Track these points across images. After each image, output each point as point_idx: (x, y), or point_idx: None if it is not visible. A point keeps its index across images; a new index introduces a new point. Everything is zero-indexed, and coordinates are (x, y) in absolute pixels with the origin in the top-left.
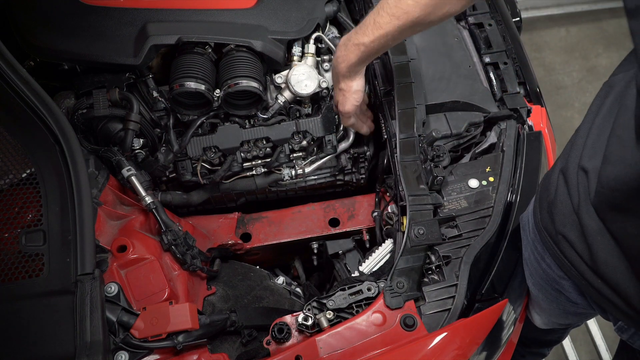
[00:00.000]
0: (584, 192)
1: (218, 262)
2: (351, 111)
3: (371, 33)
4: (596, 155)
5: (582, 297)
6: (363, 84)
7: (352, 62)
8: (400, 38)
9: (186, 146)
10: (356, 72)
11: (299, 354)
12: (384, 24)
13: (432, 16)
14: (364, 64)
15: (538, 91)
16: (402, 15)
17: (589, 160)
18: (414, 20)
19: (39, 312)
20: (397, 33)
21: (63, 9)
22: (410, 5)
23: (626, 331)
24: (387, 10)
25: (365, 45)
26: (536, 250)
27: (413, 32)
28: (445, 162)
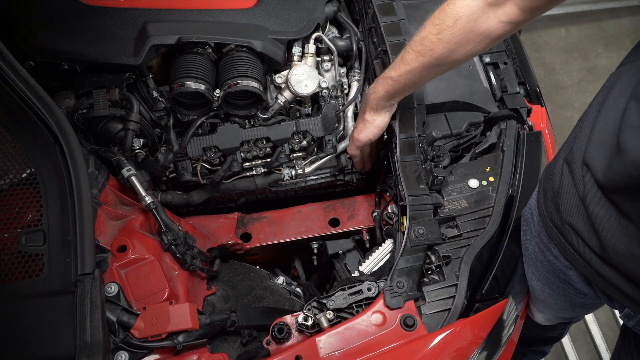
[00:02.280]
0: (589, 181)
1: (218, 262)
2: (363, 142)
3: (398, 68)
4: (603, 145)
5: (589, 286)
6: (385, 123)
7: (380, 95)
8: (427, 75)
9: (186, 146)
10: (383, 107)
11: (299, 354)
12: (410, 60)
13: (456, 54)
14: (392, 99)
15: (538, 91)
16: (426, 52)
17: (595, 150)
18: (438, 57)
19: (39, 312)
20: (423, 69)
21: (63, 9)
22: (434, 43)
23: (632, 318)
24: (413, 47)
25: (393, 79)
26: (541, 242)
27: (439, 70)
28: (445, 162)
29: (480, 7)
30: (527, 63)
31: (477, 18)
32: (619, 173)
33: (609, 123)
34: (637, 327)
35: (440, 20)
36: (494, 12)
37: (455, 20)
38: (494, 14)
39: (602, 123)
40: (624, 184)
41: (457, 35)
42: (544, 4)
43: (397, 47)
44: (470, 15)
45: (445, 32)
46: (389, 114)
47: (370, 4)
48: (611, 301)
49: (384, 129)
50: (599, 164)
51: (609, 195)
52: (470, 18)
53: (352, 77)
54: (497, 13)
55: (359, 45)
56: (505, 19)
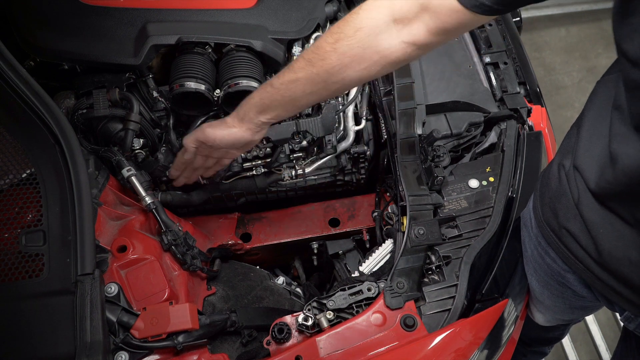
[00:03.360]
0: (582, 187)
1: (218, 262)
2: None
3: (283, 75)
4: (589, 151)
5: (587, 289)
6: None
7: (252, 102)
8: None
9: None
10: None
11: (299, 354)
12: (298, 69)
13: (348, 71)
14: (262, 113)
15: (538, 91)
16: (317, 62)
17: (583, 156)
18: (328, 69)
19: (39, 312)
20: (308, 82)
21: (63, 9)
22: (328, 52)
23: (633, 321)
24: (304, 55)
25: (272, 87)
26: (539, 245)
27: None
28: (445, 162)
29: (385, 22)
30: (527, 63)
31: (380, 33)
32: (610, 181)
33: (595, 131)
34: (637, 329)
35: (339, 29)
36: (398, 30)
37: (356, 30)
38: (397, 33)
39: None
40: (616, 192)
41: (354, 47)
42: (457, 25)
43: None
44: (372, 28)
45: (342, 41)
46: (250, 133)
47: None
48: (611, 304)
49: (236, 144)
50: (590, 172)
51: (602, 202)
52: (372, 32)
53: None
54: (401, 32)
55: None
56: (409, 39)
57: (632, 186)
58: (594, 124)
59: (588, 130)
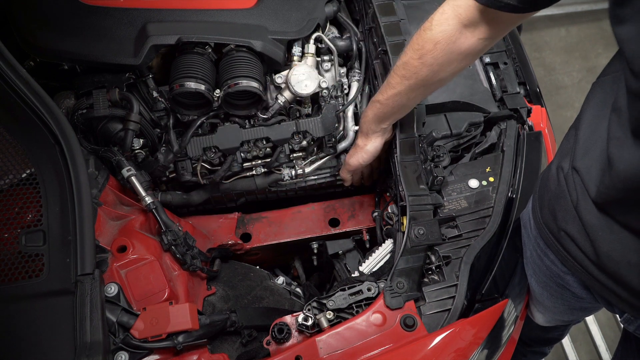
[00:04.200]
0: (580, 189)
1: (218, 262)
2: (354, 167)
3: (385, 92)
4: (587, 154)
5: (586, 291)
6: (376, 148)
7: (369, 119)
8: (414, 97)
9: (186, 146)
10: (374, 131)
11: (299, 354)
12: (396, 84)
13: (441, 74)
14: (382, 122)
15: (538, 91)
16: (411, 76)
17: (581, 159)
18: (423, 79)
19: (38, 312)
20: (410, 91)
21: (63, 9)
22: (417, 67)
23: (633, 322)
24: (397, 72)
25: (380, 103)
26: (538, 247)
27: (426, 91)
28: (445, 162)
29: (457, 30)
30: (527, 63)
31: (456, 40)
32: (608, 186)
33: (594, 133)
34: (637, 331)
35: (419, 45)
36: (471, 31)
37: (435, 44)
38: (471, 34)
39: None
40: (613, 197)
41: (439, 57)
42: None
43: (397, 47)
44: (448, 38)
45: (426, 56)
46: (380, 139)
47: (370, 4)
48: (611, 306)
49: (375, 154)
50: (590, 176)
51: (601, 206)
52: (449, 41)
53: (352, 77)
54: (475, 32)
55: (359, 45)
56: (483, 36)
57: (626, 192)
58: (592, 126)
59: (586, 132)
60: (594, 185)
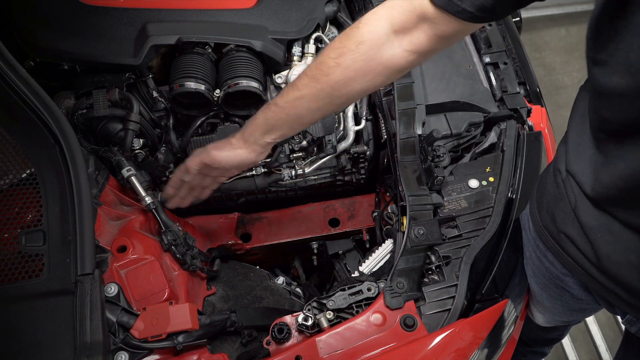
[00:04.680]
0: (577, 192)
1: (218, 262)
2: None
3: (287, 94)
4: (579, 157)
5: (586, 292)
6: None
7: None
8: (315, 108)
9: (186, 146)
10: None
11: (299, 354)
12: (302, 86)
13: (353, 84)
14: (268, 133)
15: (538, 91)
16: (321, 78)
17: (574, 162)
18: (333, 84)
19: (38, 312)
20: (313, 98)
21: (63, 9)
22: (332, 67)
23: (634, 323)
24: (307, 73)
25: (277, 106)
26: (538, 248)
27: (331, 105)
28: (445, 162)
29: (386, 34)
30: (527, 63)
31: (381, 45)
32: (606, 185)
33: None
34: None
35: (341, 44)
36: (399, 40)
37: (358, 44)
38: (399, 42)
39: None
40: (612, 196)
41: (358, 61)
42: (453, 31)
43: None
44: (374, 40)
45: (345, 56)
46: (255, 154)
47: (370, 4)
48: (612, 307)
49: (241, 165)
50: (584, 177)
51: (599, 206)
52: (374, 44)
53: None
54: (402, 41)
55: None
56: (410, 47)
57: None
58: (580, 128)
59: (575, 135)
60: (589, 185)
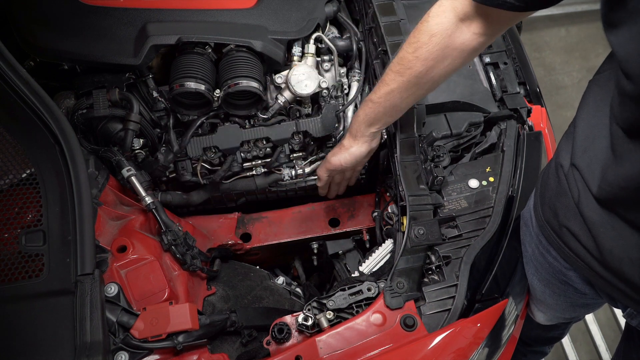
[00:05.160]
0: (582, 186)
1: (218, 262)
2: (334, 166)
3: (378, 90)
4: (587, 151)
5: (589, 286)
6: (362, 153)
7: (360, 119)
8: (407, 97)
9: (186, 146)
10: (362, 134)
11: (299, 354)
12: (389, 81)
13: (435, 71)
14: (372, 125)
15: (538, 91)
16: (405, 72)
17: (581, 156)
18: (417, 75)
19: (38, 312)
20: (403, 90)
21: (63, 9)
22: (412, 61)
23: (636, 317)
24: (391, 68)
25: (373, 102)
26: (540, 244)
27: (419, 90)
28: (445, 162)
29: (454, 23)
30: (527, 63)
31: (452, 34)
32: (611, 184)
33: (590, 131)
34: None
35: (415, 38)
36: (467, 26)
37: (430, 37)
38: (467, 28)
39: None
40: (617, 194)
41: (434, 52)
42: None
43: (397, 47)
44: (444, 31)
45: (421, 49)
46: (367, 144)
47: (370, 4)
48: (613, 301)
49: (359, 159)
50: (591, 173)
51: (603, 203)
52: (445, 34)
53: (352, 77)
54: (470, 27)
55: (359, 45)
56: (478, 31)
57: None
58: (590, 123)
59: (584, 129)
60: (595, 182)
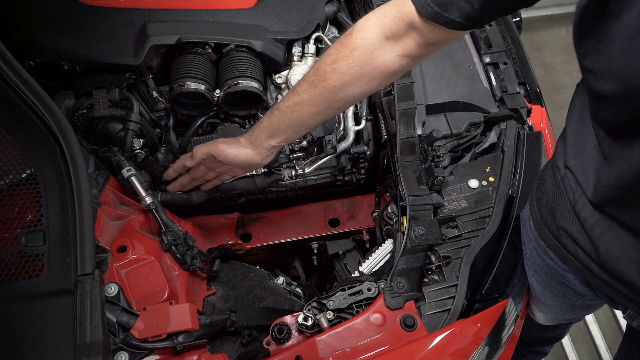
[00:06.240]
0: (576, 188)
1: (218, 262)
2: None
3: (288, 99)
4: (578, 154)
5: (588, 288)
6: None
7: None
8: (316, 112)
9: (186, 146)
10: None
11: (299, 354)
12: (301, 91)
13: (349, 88)
14: (272, 137)
15: (538, 91)
16: (319, 83)
17: (573, 158)
18: (331, 88)
19: (38, 312)
20: (313, 103)
21: (63, 9)
22: (328, 73)
23: (636, 318)
24: (306, 78)
25: (279, 111)
26: (539, 246)
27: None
28: (445, 162)
29: (378, 40)
30: (527, 63)
31: (374, 51)
32: (604, 185)
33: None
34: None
35: (336, 50)
36: (391, 46)
37: (352, 50)
38: (391, 48)
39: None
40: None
41: (352, 66)
42: (442, 39)
43: None
44: (367, 47)
45: (340, 62)
46: (260, 157)
47: (370, 4)
48: (613, 302)
49: (243, 166)
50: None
51: (598, 205)
52: (367, 50)
53: None
54: (394, 47)
55: None
56: (402, 53)
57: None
58: (578, 125)
59: (574, 131)
60: (590, 184)
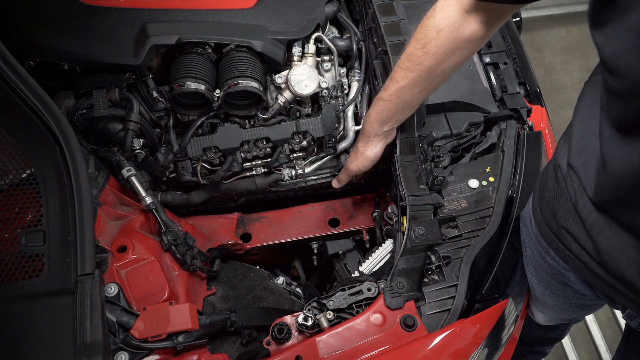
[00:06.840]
0: (578, 187)
1: (218, 262)
2: (353, 172)
3: (388, 87)
4: (582, 152)
5: (588, 287)
6: (376, 154)
7: (372, 120)
8: (418, 92)
9: (186, 146)
10: (375, 134)
11: (299, 354)
12: (399, 78)
13: (445, 64)
14: (384, 124)
15: (538, 91)
16: (414, 67)
17: (577, 157)
18: (427, 70)
19: (38, 312)
20: (413, 85)
21: (63, 9)
22: (421, 57)
23: (635, 318)
24: (400, 65)
25: (384, 100)
26: (539, 245)
27: (430, 84)
28: (445, 162)
29: (460, 16)
30: (527, 63)
31: (459, 26)
32: (604, 185)
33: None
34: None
35: (423, 34)
36: (473, 17)
37: (438, 32)
38: (474, 19)
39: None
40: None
41: (443, 46)
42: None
43: (397, 47)
44: (451, 25)
45: (430, 44)
46: (381, 143)
47: (370, 4)
48: (613, 302)
49: (376, 160)
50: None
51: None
52: (453, 28)
53: (352, 77)
54: (477, 17)
55: (359, 45)
56: (485, 19)
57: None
58: (585, 124)
59: (579, 130)
60: (591, 183)
